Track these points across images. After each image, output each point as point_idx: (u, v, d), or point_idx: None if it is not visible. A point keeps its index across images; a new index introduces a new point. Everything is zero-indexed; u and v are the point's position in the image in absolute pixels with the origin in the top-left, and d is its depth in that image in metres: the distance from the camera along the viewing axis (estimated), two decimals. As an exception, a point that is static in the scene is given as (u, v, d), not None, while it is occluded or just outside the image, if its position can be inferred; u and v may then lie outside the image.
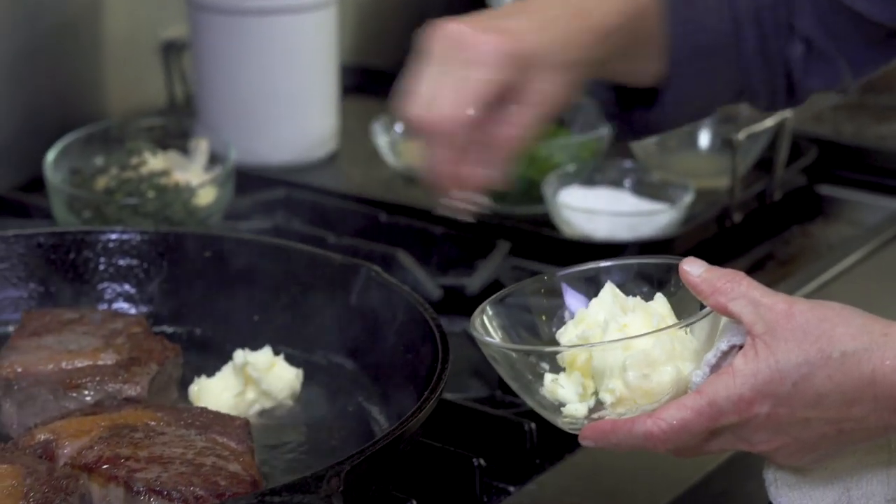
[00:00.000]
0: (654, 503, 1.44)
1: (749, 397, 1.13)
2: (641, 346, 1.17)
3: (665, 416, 1.15)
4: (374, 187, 2.18)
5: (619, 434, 1.17)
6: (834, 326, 1.13)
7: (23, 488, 1.21)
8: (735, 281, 1.16)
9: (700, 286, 1.17)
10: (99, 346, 1.50)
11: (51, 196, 1.93)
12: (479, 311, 1.29)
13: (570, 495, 1.45)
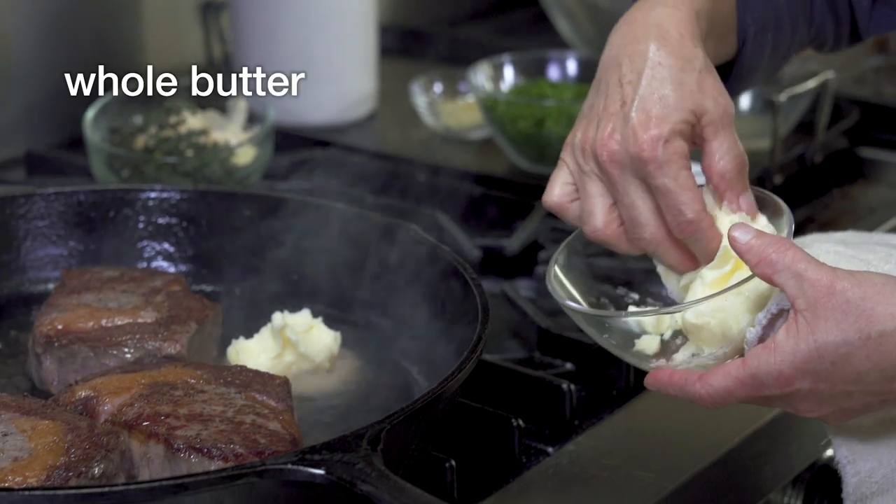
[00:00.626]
0: (694, 464, 1.43)
1: (789, 374, 1.15)
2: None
3: (712, 381, 1.18)
4: (412, 148, 2.17)
5: (674, 386, 1.21)
6: (874, 305, 1.13)
7: (64, 444, 1.21)
8: (781, 252, 1.15)
9: (747, 254, 1.17)
10: (139, 304, 1.50)
11: (90, 154, 1.94)
12: (553, 259, 1.31)
13: (609, 457, 1.44)
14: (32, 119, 2.16)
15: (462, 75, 2.20)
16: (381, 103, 2.30)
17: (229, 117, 2.03)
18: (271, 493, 1.15)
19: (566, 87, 2.14)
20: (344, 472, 1.12)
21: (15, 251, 1.63)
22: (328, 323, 1.53)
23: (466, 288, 1.43)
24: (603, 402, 1.54)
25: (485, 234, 1.87)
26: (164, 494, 1.11)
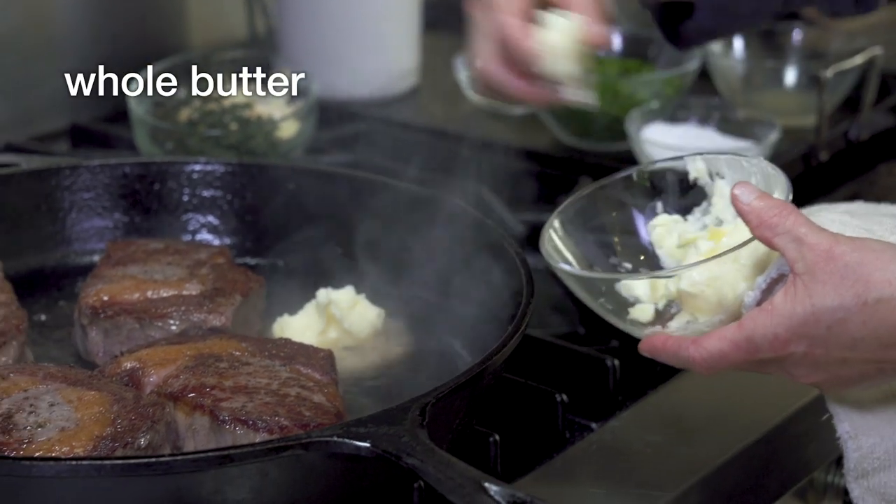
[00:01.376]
0: (737, 442, 1.42)
1: (784, 337, 1.14)
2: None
3: (706, 344, 1.18)
4: (455, 122, 2.17)
5: (668, 352, 1.21)
6: (872, 271, 1.12)
7: (110, 415, 1.22)
8: (782, 215, 1.15)
9: (748, 215, 1.16)
10: (183, 276, 1.51)
11: (134, 127, 1.94)
12: (547, 223, 1.31)
13: (652, 433, 1.44)
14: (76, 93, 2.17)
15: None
16: (424, 77, 2.30)
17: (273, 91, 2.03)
18: (316, 466, 1.15)
19: (610, 62, 2.13)
20: (389, 446, 1.12)
21: (60, 223, 1.64)
22: (372, 297, 1.53)
23: (511, 263, 1.43)
24: (646, 378, 1.53)
25: (528, 209, 1.87)
26: (210, 466, 1.11)
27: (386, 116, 2.13)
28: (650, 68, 2.12)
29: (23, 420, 1.20)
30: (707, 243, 1.26)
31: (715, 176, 1.32)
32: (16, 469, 1.11)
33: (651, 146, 1.95)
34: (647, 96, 2.03)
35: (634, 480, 1.37)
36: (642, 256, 1.33)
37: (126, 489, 1.12)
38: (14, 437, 1.18)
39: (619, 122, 2.01)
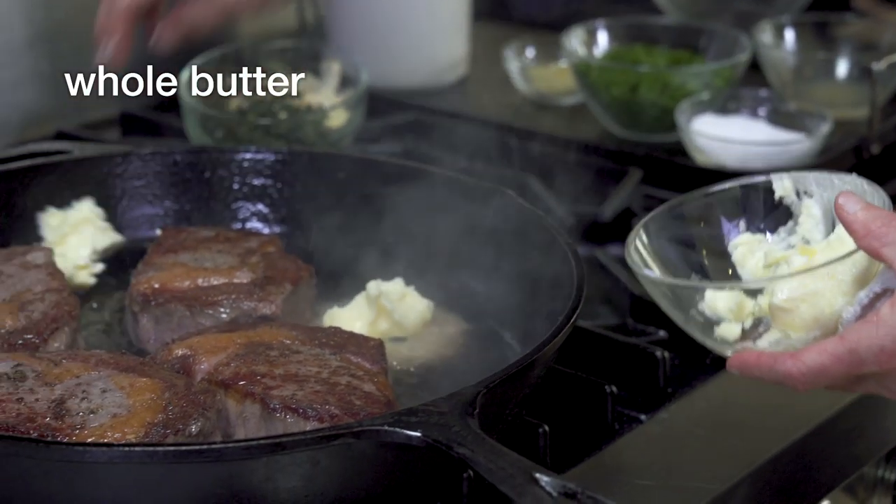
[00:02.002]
0: (786, 436, 1.42)
1: (891, 349, 1.10)
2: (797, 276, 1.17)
3: (805, 358, 1.14)
4: (504, 112, 2.17)
5: (761, 368, 1.17)
6: None
7: (162, 402, 1.22)
8: (890, 225, 1.12)
9: (853, 225, 1.13)
10: (234, 264, 1.51)
11: (184, 115, 1.95)
12: (633, 232, 1.29)
13: (702, 425, 1.43)
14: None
15: (555, 40, 2.19)
16: (473, 68, 2.29)
17: (323, 80, 2.03)
18: (367, 454, 1.15)
19: (660, 54, 2.12)
20: (440, 435, 1.12)
21: (112, 210, 1.64)
22: (421, 288, 1.53)
23: (562, 253, 1.43)
24: (696, 370, 1.53)
25: (577, 201, 1.86)
26: (262, 453, 1.11)
27: (435, 106, 2.13)
28: (700, 59, 2.11)
29: (75, 406, 1.21)
30: (800, 258, 1.22)
31: (802, 194, 1.29)
32: (69, 454, 1.12)
33: (701, 138, 1.94)
34: (697, 87, 2.02)
35: (683, 473, 1.36)
36: (727, 272, 1.31)
37: (177, 476, 1.13)
38: (66, 423, 1.19)
39: (668, 114, 2.00)
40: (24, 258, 1.51)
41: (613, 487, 1.34)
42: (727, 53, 2.09)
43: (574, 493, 1.07)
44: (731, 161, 1.92)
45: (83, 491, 1.14)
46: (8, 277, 1.47)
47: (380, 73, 2.13)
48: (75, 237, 1.56)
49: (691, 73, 2.04)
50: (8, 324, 1.39)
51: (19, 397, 1.22)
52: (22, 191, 1.60)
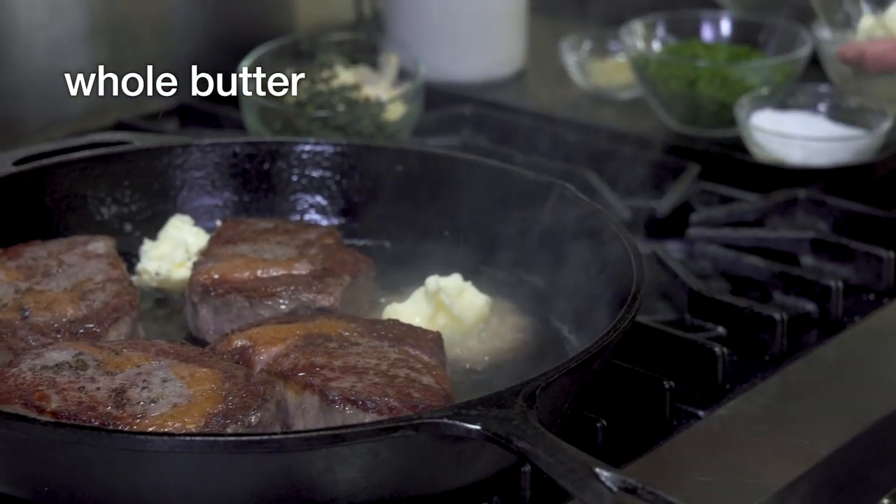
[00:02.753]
0: (845, 434, 1.41)
1: None
2: None
3: None
4: (561, 106, 2.16)
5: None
6: None
7: (221, 392, 1.23)
8: None
9: None
10: (293, 255, 1.51)
11: (243, 107, 1.95)
12: None
13: (761, 422, 1.42)
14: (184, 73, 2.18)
15: (613, 34, 2.18)
16: (530, 61, 2.29)
17: (380, 73, 2.04)
18: (425, 447, 1.15)
19: (719, 48, 2.11)
20: (499, 428, 1.12)
21: (171, 200, 1.65)
22: (479, 281, 1.52)
23: (621, 248, 1.42)
24: (754, 367, 1.52)
25: (634, 195, 1.85)
26: (321, 445, 1.11)
27: (492, 100, 2.13)
28: (760, 54, 2.10)
29: (136, 395, 1.22)
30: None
31: None
32: (130, 443, 1.13)
33: (760, 133, 1.93)
34: (756, 82, 2.01)
35: (741, 470, 1.36)
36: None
37: (237, 466, 1.13)
38: (127, 412, 1.19)
39: (727, 109, 1.99)
40: (85, 248, 1.52)
41: (671, 483, 1.33)
42: (787, 48, 2.07)
43: (634, 489, 1.06)
44: (790, 157, 1.91)
45: (143, 480, 1.15)
46: (69, 267, 1.49)
47: (437, 66, 2.13)
48: (168, 243, 1.57)
49: (751, 68, 2.03)
50: (69, 313, 1.40)
51: (80, 386, 1.23)
52: (83, 181, 1.61)
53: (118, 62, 2.10)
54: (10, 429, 1.14)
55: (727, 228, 1.78)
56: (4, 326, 1.37)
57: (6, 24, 1.98)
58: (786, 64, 2.04)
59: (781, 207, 1.82)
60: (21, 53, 2.00)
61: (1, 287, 1.44)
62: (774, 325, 1.53)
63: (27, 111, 2.03)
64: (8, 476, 1.19)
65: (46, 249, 1.51)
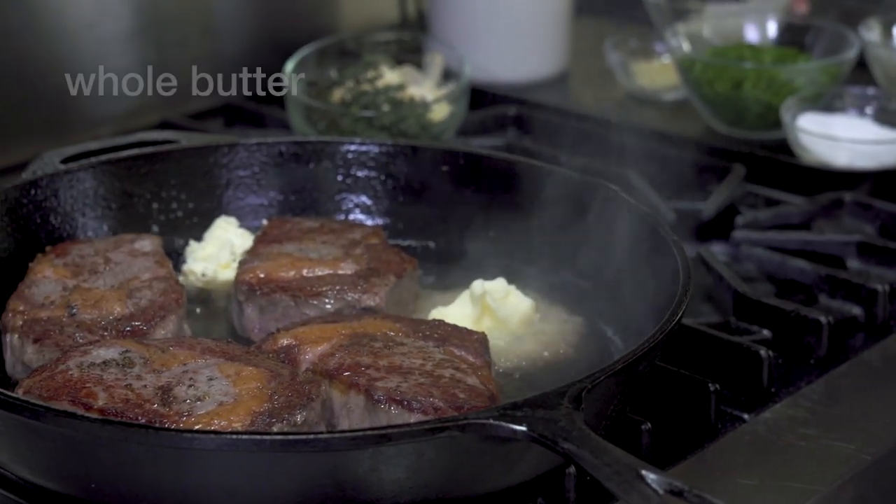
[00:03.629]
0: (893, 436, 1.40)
1: None
2: None
3: None
4: (605, 107, 2.16)
5: None
6: None
7: (267, 391, 1.23)
8: None
9: None
10: (338, 255, 1.52)
11: (288, 107, 1.96)
12: None
13: (807, 426, 1.41)
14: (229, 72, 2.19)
15: (658, 35, 2.18)
16: (575, 62, 2.28)
17: (425, 73, 2.04)
18: (471, 448, 1.15)
19: (765, 50, 2.10)
20: (545, 430, 1.12)
21: (217, 199, 1.66)
22: (524, 282, 1.52)
23: (667, 250, 1.41)
24: (800, 370, 1.51)
25: (678, 197, 1.85)
26: (368, 444, 1.12)
27: (536, 100, 2.12)
28: (806, 56, 2.09)
29: (182, 393, 1.22)
30: None
31: None
32: (178, 441, 1.13)
33: (806, 136, 1.92)
34: (802, 85, 2.00)
35: (787, 473, 1.35)
36: None
37: (284, 465, 1.13)
38: (173, 410, 1.20)
39: (773, 111, 1.98)
40: (132, 246, 1.53)
41: (716, 486, 1.33)
42: (834, 51, 2.06)
43: (681, 491, 1.06)
44: (836, 159, 1.90)
45: (189, 477, 1.15)
46: (116, 265, 1.49)
47: (481, 66, 2.13)
48: (214, 244, 1.58)
49: (797, 70, 2.02)
50: (116, 310, 1.41)
51: (127, 383, 1.23)
52: (130, 179, 1.62)
53: (165, 61, 2.11)
54: (60, 425, 1.15)
55: (773, 231, 1.77)
56: (52, 324, 1.38)
57: (55, 24, 1.99)
58: (832, 66, 2.03)
59: (827, 210, 1.81)
60: (69, 53, 2.01)
61: (49, 284, 1.45)
62: (820, 328, 1.53)
63: (74, 110, 2.04)
64: (56, 472, 1.20)
65: (94, 247, 1.52)
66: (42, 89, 2.01)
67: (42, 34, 1.99)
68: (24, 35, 1.97)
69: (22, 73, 1.98)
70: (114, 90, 2.07)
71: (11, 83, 1.97)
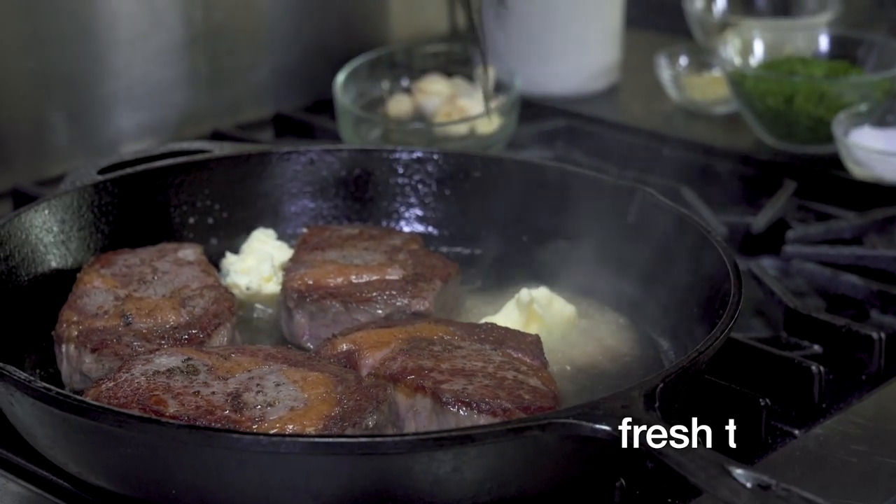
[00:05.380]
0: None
1: None
2: None
3: None
4: (655, 121, 2.15)
5: None
6: None
7: (335, 395, 1.23)
8: None
9: None
10: (383, 261, 1.52)
11: (339, 117, 1.96)
12: None
13: (858, 442, 1.40)
14: (280, 83, 2.21)
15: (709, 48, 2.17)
16: (625, 75, 2.28)
17: (475, 85, 2.04)
18: (549, 448, 1.16)
19: (817, 64, 2.09)
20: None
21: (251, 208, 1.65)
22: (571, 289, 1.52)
23: (718, 262, 1.41)
24: (851, 386, 1.50)
25: (729, 211, 1.84)
26: (452, 445, 1.12)
27: (586, 113, 2.12)
28: (858, 71, 2.08)
29: (252, 399, 1.22)
30: None
31: None
32: (266, 445, 1.13)
33: (858, 150, 1.91)
34: (854, 99, 1.99)
35: (838, 490, 1.34)
36: None
37: (367, 466, 1.13)
38: (245, 416, 1.20)
39: (824, 125, 1.97)
40: (176, 255, 1.54)
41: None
42: (887, 65, 2.05)
43: (768, 486, 1.05)
44: (889, 174, 1.89)
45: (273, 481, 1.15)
46: (163, 274, 1.50)
47: (531, 78, 2.13)
48: (253, 257, 1.58)
49: (849, 84, 2.01)
50: (171, 319, 1.41)
51: (195, 390, 1.23)
52: (164, 189, 1.62)
53: (216, 72, 2.13)
54: (145, 432, 1.15)
55: (824, 246, 1.76)
56: (109, 333, 1.38)
57: (108, 35, 2.01)
58: (885, 80, 2.02)
59: (879, 225, 1.80)
60: (122, 63, 2.03)
61: (100, 294, 1.45)
62: (872, 343, 1.52)
63: (126, 119, 2.05)
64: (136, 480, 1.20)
65: (138, 257, 1.52)
66: (95, 98, 2.02)
67: (96, 44, 2.00)
68: (78, 45, 1.99)
69: (76, 82, 2.00)
70: (165, 100, 2.08)
71: (66, 92, 1.99)
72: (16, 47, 1.92)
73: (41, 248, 1.51)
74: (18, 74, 1.93)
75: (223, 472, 1.15)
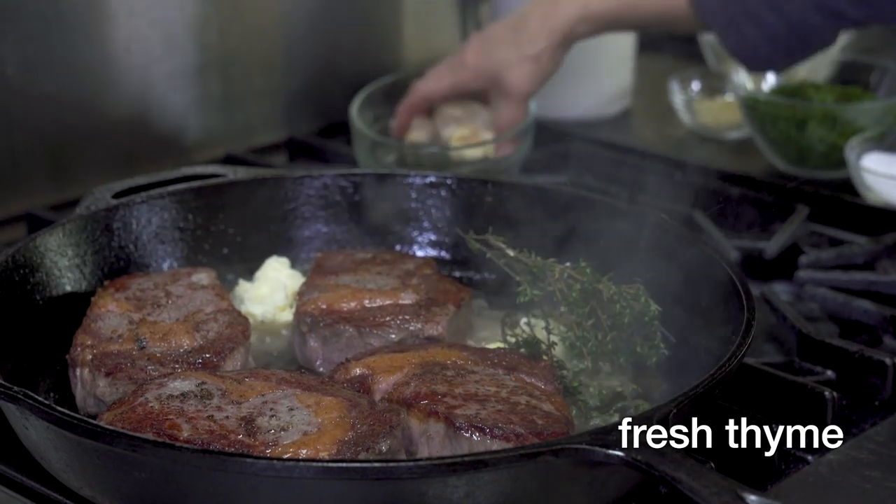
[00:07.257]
0: (958, 480, 1.38)
1: None
2: None
3: None
4: (667, 146, 2.16)
5: None
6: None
7: (349, 420, 1.23)
8: None
9: None
10: (396, 285, 1.52)
11: (354, 141, 1.97)
12: None
13: (871, 468, 1.40)
14: (292, 107, 2.21)
15: (721, 73, 2.18)
16: (637, 99, 2.29)
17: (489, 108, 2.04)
18: (562, 473, 1.16)
19: (829, 89, 2.09)
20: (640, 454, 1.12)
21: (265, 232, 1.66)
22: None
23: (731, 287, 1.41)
24: (864, 412, 1.50)
25: (742, 236, 1.84)
26: (466, 470, 1.12)
27: (598, 138, 2.13)
28: (871, 96, 2.08)
29: (265, 423, 1.22)
30: None
31: None
32: (279, 470, 1.13)
33: (871, 175, 1.91)
34: (866, 124, 1.99)
35: (852, 515, 1.34)
36: None
37: (380, 491, 1.14)
38: (259, 440, 1.20)
39: (837, 150, 1.98)
40: (190, 279, 1.54)
41: (780, 526, 1.32)
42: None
43: (780, 511, 1.05)
44: (901, 200, 1.89)
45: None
46: (177, 298, 1.50)
47: (544, 103, 2.13)
48: (267, 285, 1.59)
49: (861, 109, 2.01)
50: (185, 343, 1.41)
51: (209, 415, 1.24)
52: (177, 213, 1.63)
53: (230, 96, 2.13)
54: (159, 456, 1.15)
55: (836, 271, 1.76)
56: (123, 357, 1.39)
57: (123, 59, 2.02)
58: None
59: (891, 250, 1.80)
60: (137, 87, 2.04)
61: (114, 318, 1.46)
62: (885, 369, 1.51)
63: (141, 143, 2.06)
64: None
65: (152, 281, 1.53)
66: (110, 122, 2.03)
67: (111, 68, 2.01)
68: (93, 68, 1.99)
69: (90, 105, 2.01)
70: (179, 124, 2.09)
71: (80, 116, 2.00)
72: (31, 71, 1.93)
73: (56, 272, 1.51)
74: (34, 98, 1.94)
75: (236, 496, 1.15)
